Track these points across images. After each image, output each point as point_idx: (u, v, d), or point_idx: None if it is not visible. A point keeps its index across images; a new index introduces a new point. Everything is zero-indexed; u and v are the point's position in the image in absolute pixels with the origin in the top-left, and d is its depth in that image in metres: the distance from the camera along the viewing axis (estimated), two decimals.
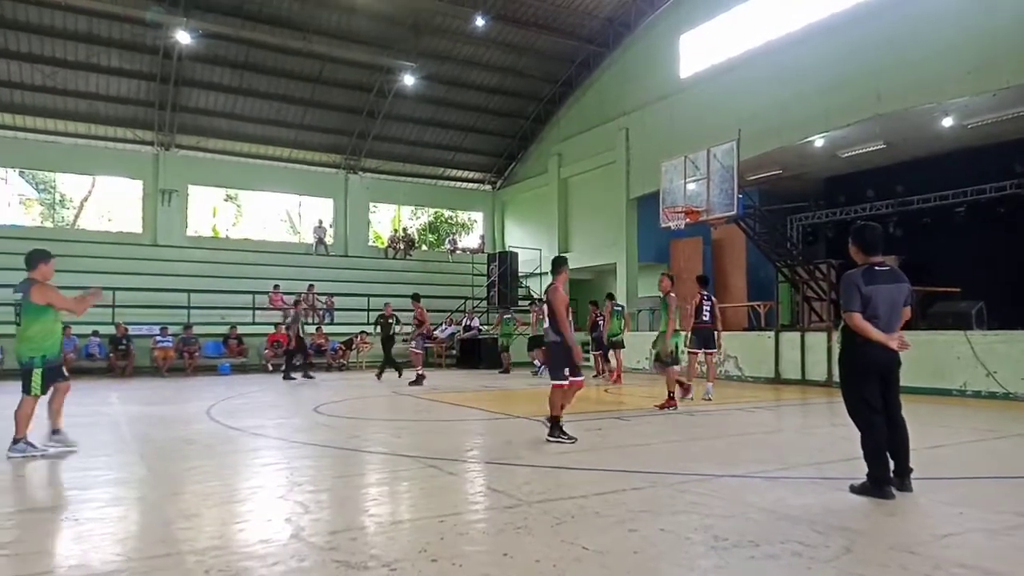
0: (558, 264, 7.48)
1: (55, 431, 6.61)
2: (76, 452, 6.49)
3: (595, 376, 15.87)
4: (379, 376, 15.62)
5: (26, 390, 6.36)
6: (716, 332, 11.26)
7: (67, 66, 20.02)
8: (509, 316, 18.83)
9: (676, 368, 9.99)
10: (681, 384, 10.26)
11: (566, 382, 7.00)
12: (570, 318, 7.17)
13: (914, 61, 13.70)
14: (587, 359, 20.48)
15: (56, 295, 6.44)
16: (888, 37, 14.23)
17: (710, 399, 10.74)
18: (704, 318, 11.01)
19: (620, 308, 16.07)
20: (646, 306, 21.50)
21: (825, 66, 15.37)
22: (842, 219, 19.29)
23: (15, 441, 6.28)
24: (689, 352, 11.29)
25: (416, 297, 15.47)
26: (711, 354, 11.35)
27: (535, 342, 17.10)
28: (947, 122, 15.11)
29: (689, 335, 11.17)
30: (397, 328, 15.99)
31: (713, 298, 11.32)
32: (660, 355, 9.97)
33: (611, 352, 15.55)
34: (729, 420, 9.10)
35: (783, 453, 6.69)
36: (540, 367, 16.55)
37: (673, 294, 10.00)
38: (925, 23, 13.67)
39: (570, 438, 6.88)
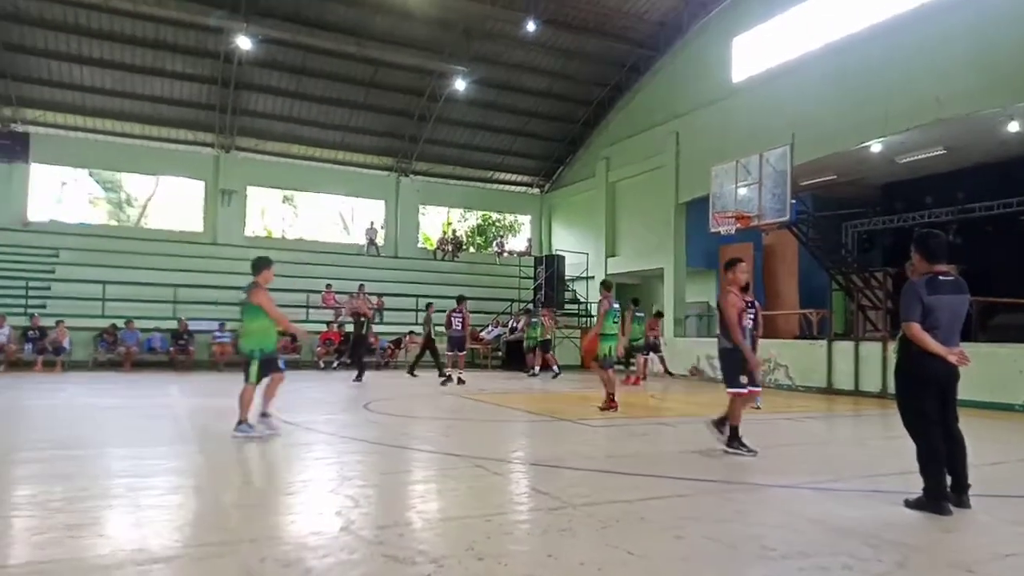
0: (730, 265, 7.03)
1: (264, 414, 7.29)
2: (280, 436, 7.15)
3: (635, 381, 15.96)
4: (358, 377, 14.55)
5: (245, 379, 7.17)
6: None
7: (134, 71, 20.84)
8: (536, 319, 18.14)
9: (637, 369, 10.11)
10: (632, 379, 10.22)
11: (744, 390, 6.73)
12: (743, 324, 6.88)
13: (978, 64, 13.20)
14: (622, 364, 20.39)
15: (269, 301, 7.23)
16: (951, 38, 13.74)
17: (758, 407, 10.54)
18: (746, 324, 10.76)
19: (641, 314, 16.49)
20: (695, 312, 21.25)
21: (884, 69, 14.93)
22: (899, 226, 18.70)
23: (239, 423, 7.08)
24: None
25: (461, 299, 15.50)
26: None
27: (544, 345, 17.57)
28: (1013, 127, 14.52)
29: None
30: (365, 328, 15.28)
31: (757, 304, 11.06)
32: (598, 358, 10.16)
33: (635, 356, 16.05)
34: (777, 429, 8.93)
35: (834, 464, 6.54)
36: (536, 369, 17.43)
37: (607, 301, 10.22)
38: (990, 24, 13.15)
39: (749, 450, 6.48)
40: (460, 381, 14.48)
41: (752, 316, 10.67)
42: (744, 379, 6.69)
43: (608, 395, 9.91)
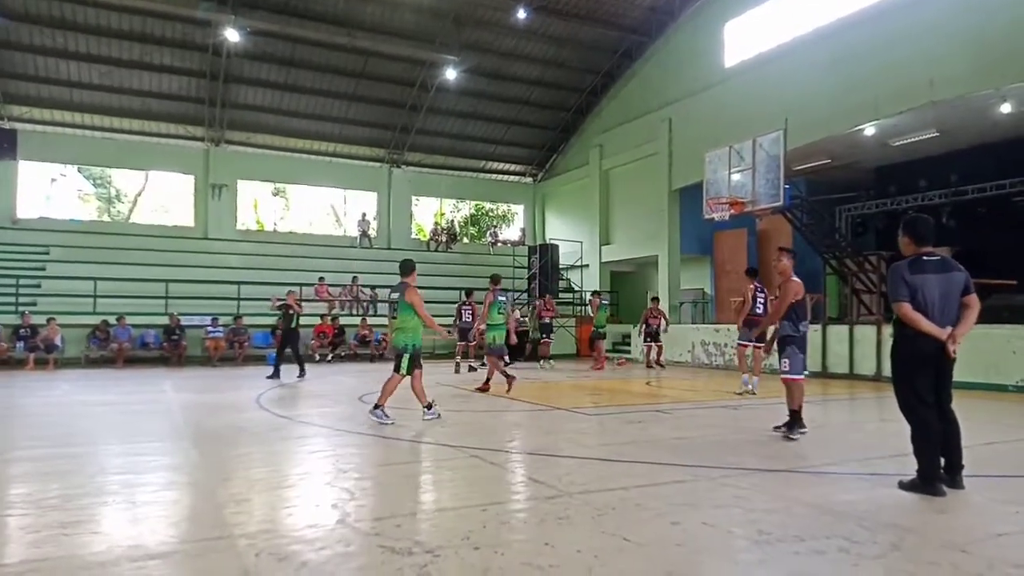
0: (788, 253, 7.31)
1: (429, 406, 8.01)
2: (443, 423, 7.75)
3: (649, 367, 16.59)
4: (301, 375, 13.91)
5: (396, 369, 7.86)
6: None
7: (121, 65, 20.65)
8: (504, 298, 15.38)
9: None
10: (506, 376, 11.01)
11: (802, 376, 6.98)
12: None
13: (970, 45, 13.19)
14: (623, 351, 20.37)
15: (420, 301, 7.87)
16: (942, 21, 13.72)
17: (754, 393, 10.58)
18: (758, 311, 10.81)
19: (606, 303, 17.94)
20: (689, 299, 21.29)
21: (876, 52, 14.90)
22: (893, 209, 18.73)
23: (376, 407, 7.72)
24: (740, 345, 11.18)
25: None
26: (760, 348, 11.00)
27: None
28: (1005, 108, 14.52)
29: (739, 327, 11.12)
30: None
31: (766, 290, 11.17)
32: (484, 346, 11.29)
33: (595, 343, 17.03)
34: (772, 415, 8.94)
35: (829, 448, 6.57)
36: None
37: (492, 294, 11.32)
38: (981, 5, 13.13)
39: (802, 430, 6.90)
40: (471, 368, 15.18)
41: (763, 301, 10.94)
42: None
43: (486, 380, 11.19)
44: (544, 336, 18.16)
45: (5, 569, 3.23)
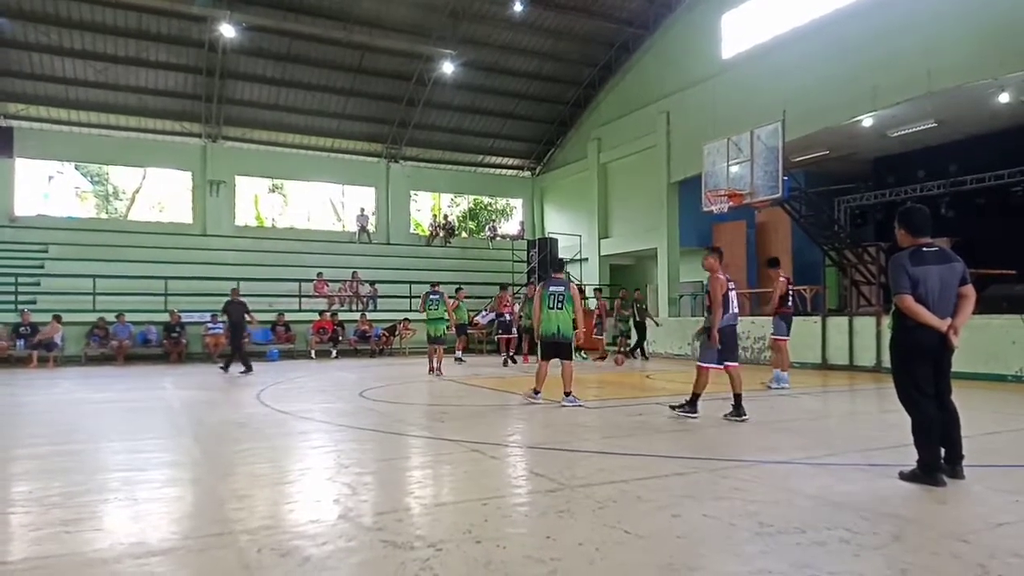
0: (715, 251, 7.98)
1: (567, 393, 8.59)
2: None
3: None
4: (226, 368, 14.04)
5: (567, 356, 8.71)
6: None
7: (118, 61, 20.58)
8: (437, 296, 13.99)
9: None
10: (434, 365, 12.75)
11: (713, 365, 7.49)
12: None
13: (968, 35, 13.15)
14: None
15: (580, 298, 8.91)
16: (940, 10, 13.68)
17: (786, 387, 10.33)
18: (789, 303, 10.59)
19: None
20: (688, 291, 21.28)
21: (874, 43, 14.87)
22: (892, 200, 18.68)
23: (568, 394, 8.48)
24: (779, 340, 10.66)
25: (459, 288, 16.13)
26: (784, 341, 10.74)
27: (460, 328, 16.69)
28: (1003, 98, 14.49)
29: (776, 320, 10.62)
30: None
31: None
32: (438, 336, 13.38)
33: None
34: (773, 405, 8.97)
35: (829, 439, 6.59)
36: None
37: (439, 289, 13.63)
38: None
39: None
40: (459, 360, 15.89)
41: (793, 293, 10.70)
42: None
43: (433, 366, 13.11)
44: (503, 332, 17.32)
45: (8, 567, 3.23)
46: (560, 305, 8.62)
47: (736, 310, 7.58)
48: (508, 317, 16.98)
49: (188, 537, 3.65)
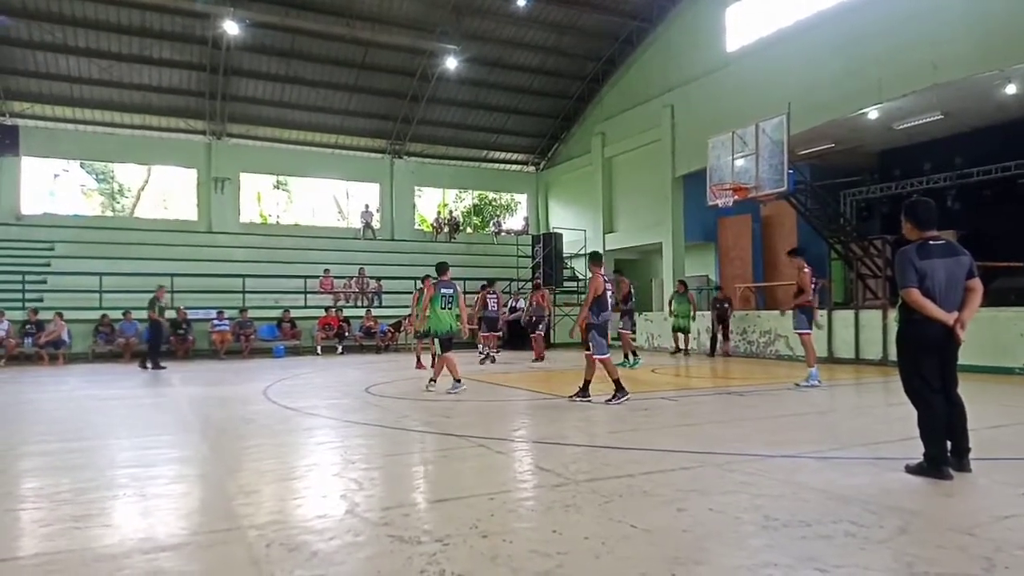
0: (595, 259, 8.80)
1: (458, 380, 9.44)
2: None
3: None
4: (143, 365, 14.37)
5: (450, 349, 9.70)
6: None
7: (122, 59, 20.63)
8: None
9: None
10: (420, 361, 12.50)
11: (607, 356, 8.30)
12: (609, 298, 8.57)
13: (973, 27, 13.06)
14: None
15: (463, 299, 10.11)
16: (946, 2, 13.58)
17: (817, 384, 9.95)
18: (813, 295, 10.17)
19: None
20: (692, 286, 21.25)
21: (879, 35, 14.78)
22: (898, 193, 18.62)
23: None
24: (803, 335, 10.26)
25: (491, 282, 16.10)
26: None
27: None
28: (1010, 89, 14.41)
29: (797, 314, 10.22)
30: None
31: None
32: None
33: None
34: (780, 399, 8.96)
35: (835, 433, 6.58)
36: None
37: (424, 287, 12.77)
38: None
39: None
40: (491, 359, 15.38)
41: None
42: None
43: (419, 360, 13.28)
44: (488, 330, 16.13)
45: (19, 562, 3.27)
46: (450, 305, 9.82)
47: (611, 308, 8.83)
48: (495, 313, 15.85)
49: (197, 533, 3.68)
